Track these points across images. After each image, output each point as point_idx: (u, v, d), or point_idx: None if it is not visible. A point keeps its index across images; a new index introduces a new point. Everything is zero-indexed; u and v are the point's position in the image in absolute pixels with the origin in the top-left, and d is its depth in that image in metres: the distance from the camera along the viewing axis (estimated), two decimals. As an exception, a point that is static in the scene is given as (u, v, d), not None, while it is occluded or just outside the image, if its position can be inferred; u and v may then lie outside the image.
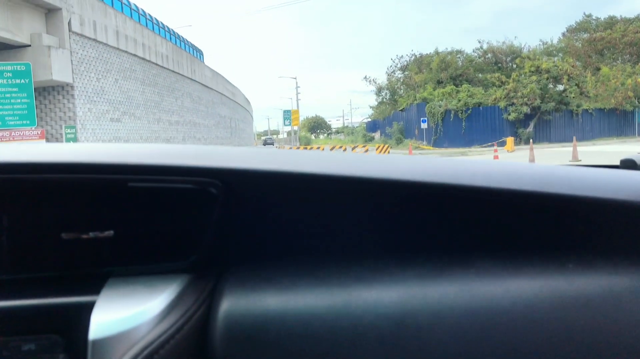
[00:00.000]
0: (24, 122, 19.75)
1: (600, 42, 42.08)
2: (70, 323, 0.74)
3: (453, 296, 0.70)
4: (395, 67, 53.59)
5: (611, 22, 45.11)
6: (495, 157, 19.09)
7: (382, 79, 58.89)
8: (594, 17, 47.09)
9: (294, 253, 0.81)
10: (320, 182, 0.78)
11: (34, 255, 0.76)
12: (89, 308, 0.69)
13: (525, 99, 33.67)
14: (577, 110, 35.28)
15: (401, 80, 52.82)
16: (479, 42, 51.37)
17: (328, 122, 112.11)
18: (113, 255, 0.76)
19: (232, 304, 0.72)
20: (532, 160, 17.82)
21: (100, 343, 0.66)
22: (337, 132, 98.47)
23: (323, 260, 0.78)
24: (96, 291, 0.73)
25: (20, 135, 19.50)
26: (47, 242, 0.75)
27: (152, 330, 0.68)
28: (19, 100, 19.55)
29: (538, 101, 33.62)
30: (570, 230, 0.77)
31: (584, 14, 48.26)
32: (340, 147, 29.31)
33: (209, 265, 0.79)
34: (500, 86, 37.18)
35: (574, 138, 20.66)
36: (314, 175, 0.78)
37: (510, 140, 28.61)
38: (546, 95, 34.28)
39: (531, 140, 21.80)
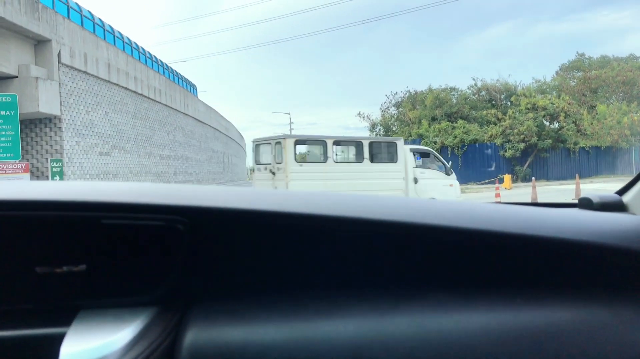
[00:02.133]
0: (8, 154, 19.06)
1: (595, 80, 42.16)
2: (40, 354, 0.77)
3: (406, 329, 0.75)
4: (390, 103, 53.50)
5: (604, 61, 45.51)
6: (497, 195, 18.45)
7: (376, 115, 58.71)
8: (587, 57, 47.40)
9: (256, 287, 0.84)
10: (281, 219, 0.82)
11: (8, 288, 0.78)
12: (59, 339, 0.73)
13: (522, 136, 33.45)
14: (574, 148, 35.07)
15: (395, 116, 52.67)
16: (474, 79, 51.47)
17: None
18: (84, 288, 0.79)
19: (197, 336, 0.76)
20: (534, 198, 17.20)
21: None
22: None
23: (284, 294, 0.82)
24: (67, 323, 0.76)
25: (3, 168, 18.77)
26: (22, 276, 0.78)
27: None
28: (4, 133, 18.91)
29: (535, 138, 33.40)
30: (520, 266, 0.82)
31: (577, 53, 48.58)
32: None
33: (175, 298, 0.82)
34: (496, 123, 36.96)
35: (577, 175, 20.21)
36: (275, 212, 0.82)
37: (507, 177, 28.12)
38: (543, 133, 34.11)
39: (533, 179, 21.22)
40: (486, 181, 31.28)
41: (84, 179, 23.04)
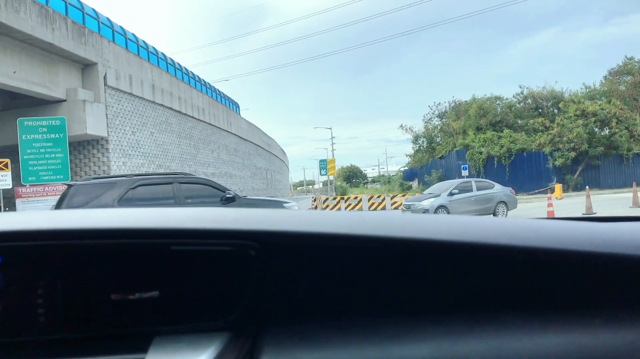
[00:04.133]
0: (58, 176, 19.51)
1: (646, 84, 40.52)
2: None
3: (482, 353, 0.75)
4: (433, 114, 52.87)
5: (655, 64, 43.70)
6: (550, 205, 17.75)
7: (419, 127, 57.96)
8: (636, 60, 45.65)
9: (328, 311, 0.83)
10: (353, 242, 0.82)
11: (84, 315, 0.80)
12: None
13: (572, 144, 32.39)
14: (627, 154, 33.75)
15: (439, 127, 51.96)
16: (520, 87, 50.08)
17: (363, 171, 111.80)
18: (158, 314, 0.81)
19: None
20: (589, 208, 16.45)
21: None
22: (373, 181, 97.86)
23: (357, 318, 0.81)
24: (143, 349, 0.77)
25: (53, 190, 19.18)
26: (97, 303, 0.80)
27: None
28: (54, 155, 19.39)
29: (585, 145, 32.33)
30: (596, 285, 0.80)
31: (626, 57, 46.52)
32: (379, 197, 28.23)
33: (247, 324, 0.82)
34: (544, 131, 35.92)
35: (634, 184, 19.23)
36: (346, 235, 0.82)
37: (558, 187, 27.21)
38: (593, 140, 32.98)
39: (587, 187, 20.38)
40: (536, 191, 30.33)
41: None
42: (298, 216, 0.91)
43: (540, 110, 43.75)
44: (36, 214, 0.91)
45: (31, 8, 18.06)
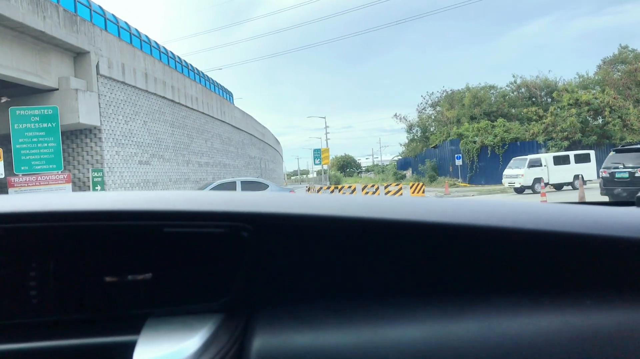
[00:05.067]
0: (51, 166, 19.42)
1: (640, 72, 40.53)
2: None
3: (474, 333, 0.76)
4: (426, 103, 52.88)
5: (649, 53, 43.69)
6: (543, 194, 17.81)
7: (413, 116, 57.86)
8: (630, 49, 45.66)
9: (320, 292, 0.84)
10: (345, 224, 0.83)
11: (77, 297, 0.81)
12: (130, 346, 0.75)
13: (565, 133, 32.45)
14: (620, 144, 33.78)
15: (432, 116, 51.97)
16: (513, 76, 49.93)
17: (357, 161, 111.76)
18: (151, 296, 0.81)
19: (264, 342, 0.76)
20: (582, 198, 16.53)
21: None
22: (367, 171, 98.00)
23: (349, 299, 0.82)
24: (136, 331, 0.78)
25: (46, 179, 19.11)
26: (90, 285, 0.81)
27: None
28: (46, 144, 19.28)
29: (579, 135, 32.40)
30: (587, 267, 0.81)
31: (620, 45, 46.49)
32: (373, 186, 28.22)
33: (239, 305, 0.83)
34: (537, 120, 35.95)
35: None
36: (339, 217, 0.83)
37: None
38: (587, 129, 33.02)
39: (581, 176, 20.41)
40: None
41: (125, 188, 23.29)
42: (290, 199, 0.92)
43: (533, 100, 43.81)
44: (29, 197, 0.91)
45: (22, -4, 17.86)
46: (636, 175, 13.06)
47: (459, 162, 35.99)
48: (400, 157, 63.46)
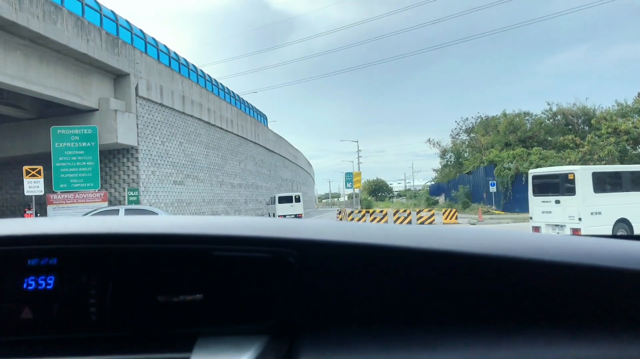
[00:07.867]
0: (88, 184, 19.86)
1: (683, 101, 39.49)
2: None
3: None
4: (460, 129, 52.49)
5: (692, 81, 42.61)
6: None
7: (446, 142, 57.48)
8: (671, 76, 44.55)
9: (361, 318, 0.86)
10: (388, 253, 0.86)
11: (133, 315, 0.84)
12: None
13: (604, 162, 31.71)
14: (660, 174, 32.91)
15: (466, 142, 51.51)
16: (548, 103, 49.15)
17: (389, 185, 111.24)
18: (201, 316, 0.85)
19: None
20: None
21: None
22: (399, 195, 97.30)
23: (389, 325, 0.84)
24: (188, 349, 0.81)
25: (83, 197, 19.53)
26: (145, 304, 0.84)
27: None
28: (85, 163, 19.74)
29: (617, 164, 31.58)
30: (625, 302, 0.81)
31: (661, 73, 45.45)
32: (404, 211, 28.00)
33: (284, 328, 0.86)
34: (574, 149, 35.28)
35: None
36: (380, 246, 0.86)
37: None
38: (625, 158, 32.23)
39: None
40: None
41: (159, 207, 23.66)
42: (335, 227, 0.96)
43: (570, 127, 43.04)
44: (90, 219, 0.96)
45: (68, 19, 18.51)
46: None
47: (493, 189, 35.42)
48: (432, 183, 62.99)
